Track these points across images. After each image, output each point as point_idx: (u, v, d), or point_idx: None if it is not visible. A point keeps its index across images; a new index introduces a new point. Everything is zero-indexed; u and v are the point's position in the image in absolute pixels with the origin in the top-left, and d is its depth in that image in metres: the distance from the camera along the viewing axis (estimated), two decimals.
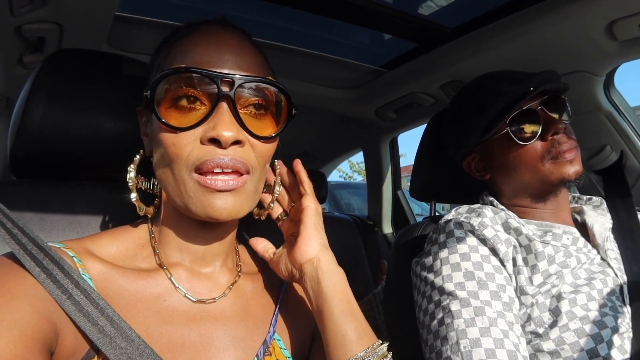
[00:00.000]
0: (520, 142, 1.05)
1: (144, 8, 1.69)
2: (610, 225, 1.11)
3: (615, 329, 0.92)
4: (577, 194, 1.21)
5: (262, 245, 0.81)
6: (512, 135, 1.05)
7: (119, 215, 0.88)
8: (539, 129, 1.04)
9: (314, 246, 0.72)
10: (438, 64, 1.77)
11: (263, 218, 0.81)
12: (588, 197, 1.19)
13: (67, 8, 1.21)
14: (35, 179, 0.89)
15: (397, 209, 2.72)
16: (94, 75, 0.89)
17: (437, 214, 1.59)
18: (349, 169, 17.78)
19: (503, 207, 1.10)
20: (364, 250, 2.57)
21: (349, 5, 1.48)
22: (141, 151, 0.74)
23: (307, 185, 0.78)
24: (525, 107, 1.05)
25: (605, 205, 1.17)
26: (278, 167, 0.80)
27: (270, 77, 0.68)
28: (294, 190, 0.81)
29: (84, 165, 0.90)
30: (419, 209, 4.98)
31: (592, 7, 1.27)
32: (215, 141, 0.62)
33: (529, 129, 1.05)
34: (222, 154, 0.63)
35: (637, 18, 1.26)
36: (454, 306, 0.92)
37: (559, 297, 0.94)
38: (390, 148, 2.65)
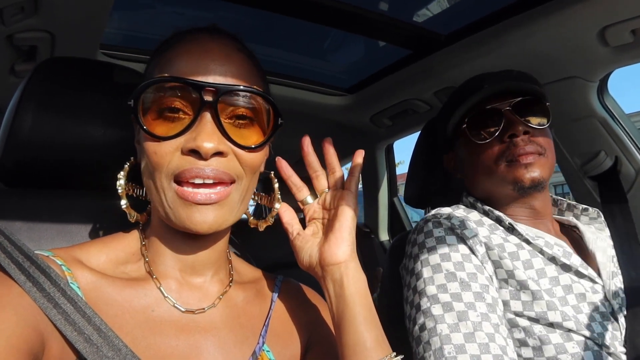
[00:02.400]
0: (475, 141, 1.03)
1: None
2: (613, 253, 1.07)
3: (603, 338, 0.90)
4: (573, 202, 1.18)
5: (289, 219, 0.79)
6: (467, 133, 1.04)
7: (109, 223, 0.87)
8: (497, 130, 1.01)
9: (345, 251, 0.72)
10: (432, 70, 1.78)
11: (261, 229, 0.80)
12: (584, 207, 1.15)
13: (58, 16, 1.20)
14: (25, 188, 0.88)
15: (393, 216, 2.71)
16: (84, 84, 0.88)
17: None
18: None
19: (489, 208, 1.07)
20: (360, 257, 2.56)
21: (345, 14, 1.49)
22: (132, 158, 0.74)
23: (355, 182, 0.77)
24: (489, 107, 1.03)
25: (602, 218, 1.13)
26: (276, 181, 0.79)
27: (256, 87, 0.67)
28: (333, 176, 0.80)
29: (74, 174, 0.89)
30: (417, 217, 4.96)
31: (584, 14, 1.28)
32: (195, 152, 0.62)
33: (486, 128, 1.03)
34: (203, 164, 0.62)
35: (629, 24, 1.26)
36: (436, 310, 0.89)
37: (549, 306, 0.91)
38: (386, 155, 2.65)
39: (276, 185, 0.80)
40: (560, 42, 1.39)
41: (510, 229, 1.03)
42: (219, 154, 0.63)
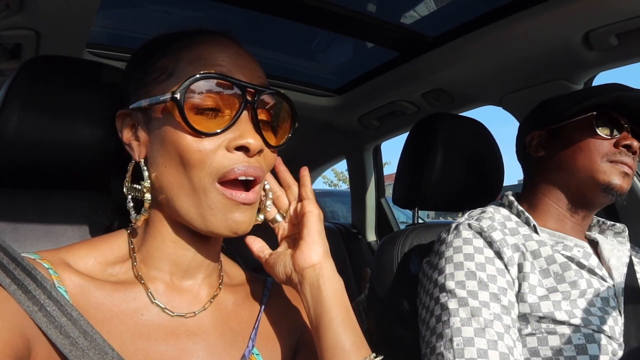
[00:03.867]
0: (599, 133, 1.07)
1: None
2: (627, 260, 1.10)
3: (613, 331, 0.93)
4: (602, 219, 1.21)
5: (259, 247, 0.79)
6: (594, 124, 1.07)
7: (96, 225, 0.86)
8: (617, 135, 1.08)
9: (317, 252, 0.72)
10: (419, 72, 1.79)
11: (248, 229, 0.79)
12: (612, 222, 1.19)
13: (44, 14, 1.19)
14: (10, 187, 0.87)
15: (380, 217, 2.72)
16: (71, 83, 0.87)
17: (421, 221, 1.59)
18: (334, 177, 17.77)
19: (522, 209, 1.11)
20: (347, 258, 2.57)
21: (333, 15, 1.49)
22: (133, 161, 0.70)
23: (309, 189, 0.78)
24: (614, 116, 1.09)
25: (627, 232, 1.18)
26: (266, 183, 0.78)
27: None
28: (291, 192, 0.80)
29: (61, 174, 0.88)
30: (404, 217, 4.99)
31: (570, 17, 1.30)
32: (243, 149, 0.63)
33: (609, 128, 1.09)
34: (248, 162, 0.64)
35: (613, 27, 1.28)
36: (452, 304, 0.94)
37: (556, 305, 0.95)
38: (374, 156, 2.66)
39: (267, 186, 0.79)
40: (546, 45, 1.41)
41: (534, 230, 1.08)
42: (260, 151, 0.65)
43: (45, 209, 0.85)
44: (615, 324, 0.96)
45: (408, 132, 1.52)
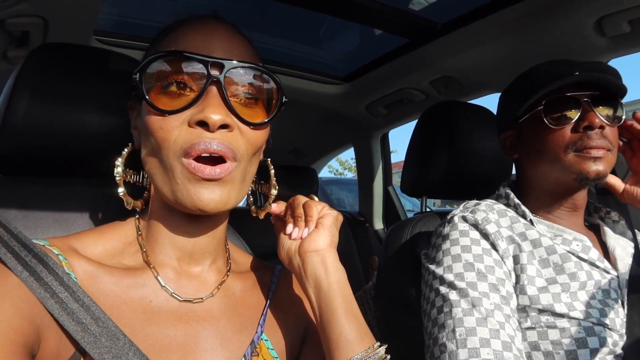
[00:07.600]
0: (550, 126, 1.02)
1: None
2: (632, 250, 1.07)
3: (614, 324, 0.92)
4: (598, 204, 1.18)
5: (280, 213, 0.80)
6: (543, 117, 1.02)
7: (106, 212, 0.87)
8: (574, 118, 1.01)
9: (324, 239, 0.73)
10: (428, 59, 1.77)
11: (261, 217, 0.79)
12: (607, 209, 1.16)
13: (51, 2, 1.19)
14: (20, 175, 0.88)
15: (388, 205, 2.72)
16: (79, 70, 0.87)
17: (428, 209, 1.59)
18: (340, 166, 17.69)
19: (518, 202, 1.09)
20: (355, 246, 2.58)
21: (341, 2, 1.48)
22: (129, 144, 0.73)
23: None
24: (568, 94, 1.01)
25: (624, 221, 1.14)
26: (272, 168, 0.79)
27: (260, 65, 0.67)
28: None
29: (70, 162, 0.89)
30: (410, 205, 4.99)
31: (582, 3, 1.28)
32: (203, 124, 0.62)
33: (561, 115, 1.02)
34: (210, 137, 0.62)
35: (626, 14, 1.26)
36: (453, 296, 0.94)
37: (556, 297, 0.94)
38: (381, 144, 2.65)
39: (272, 172, 0.79)
40: (557, 31, 1.40)
41: (531, 223, 1.05)
42: (225, 127, 0.63)
43: (55, 196, 0.86)
44: (617, 315, 0.95)
45: (416, 120, 1.51)
